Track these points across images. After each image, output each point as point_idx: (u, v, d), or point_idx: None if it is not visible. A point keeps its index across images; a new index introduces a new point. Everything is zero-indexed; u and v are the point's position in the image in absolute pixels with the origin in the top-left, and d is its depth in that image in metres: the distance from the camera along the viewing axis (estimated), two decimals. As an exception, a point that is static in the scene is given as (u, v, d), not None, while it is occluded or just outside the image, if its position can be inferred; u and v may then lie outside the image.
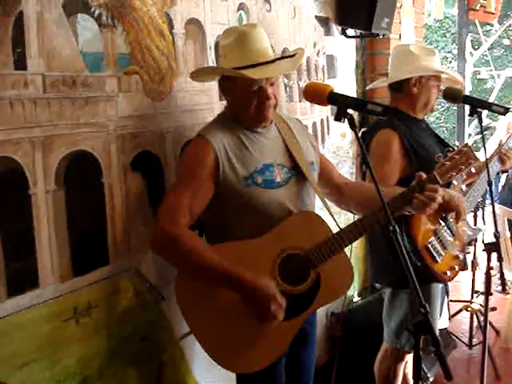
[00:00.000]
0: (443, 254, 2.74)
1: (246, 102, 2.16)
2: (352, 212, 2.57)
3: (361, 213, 2.53)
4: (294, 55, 2.25)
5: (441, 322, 3.15)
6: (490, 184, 2.66)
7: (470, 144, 2.41)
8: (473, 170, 3.07)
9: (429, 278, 2.74)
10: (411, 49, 2.98)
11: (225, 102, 2.32)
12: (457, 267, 2.80)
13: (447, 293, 3.06)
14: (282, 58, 2.25)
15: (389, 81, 3.00)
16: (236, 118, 2.23)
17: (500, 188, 6.16)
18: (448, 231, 2.80)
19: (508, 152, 3.19)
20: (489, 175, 2.66)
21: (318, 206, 2.39)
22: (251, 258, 2.10)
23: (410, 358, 3.05)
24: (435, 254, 2.70)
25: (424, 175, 2.27)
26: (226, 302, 2.08)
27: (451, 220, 2.74)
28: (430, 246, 2.69)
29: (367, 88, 3.84)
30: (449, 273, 2.76)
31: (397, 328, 2.90)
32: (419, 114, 2.97)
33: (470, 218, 4.71)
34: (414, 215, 2.56)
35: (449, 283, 3.02)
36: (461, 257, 2.83)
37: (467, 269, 3.09)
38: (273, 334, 2.12)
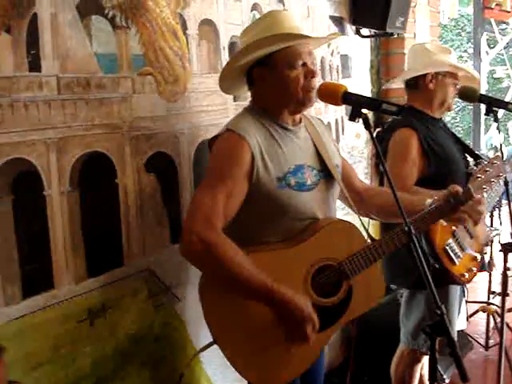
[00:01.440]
0: (461, 255, 2.72)
1: (291, 82, 2.04)
2: (371, 218, 2.47)
3: (382, 219, 2.51)
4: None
5: (459, 324, 3.12)
6: (506, 184, 2.64)
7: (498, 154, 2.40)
8: None
9: (447, 280, 2.72)
10: (427, 46, 2.98)
11: (239, 103, 2.29)
12: (475, 269, 2.78)
13: (464, 294, 3.03)
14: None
15: (405, 77, 2.98)
16: (268, 111, 2.12)
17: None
18: (466, 233, 2.78)
19: None
20: (506, 175, 2.63)
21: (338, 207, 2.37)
22: (286, 269, 2.02)
23: (426, 359, 3.04)
24: (453, 256, 2.68)
25: (459, 189, 2.20)
26: (255, 312, 2.00)
27: (470, 222, 2.72)
28: (448, 247, 2.67)
29: (383, 87, 3.83)
30: (467, 275, 2.74)
31: (414, 329, 2.88)
32: (436, 113, 2.94)
33: (486, 218, 4.69)
34: None
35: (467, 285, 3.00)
36: (478, 258, 2.81)
37: (485, 270, 3.07)
38: (301, 348, 2.06)
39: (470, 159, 2.97)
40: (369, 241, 2.19)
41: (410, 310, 2.90)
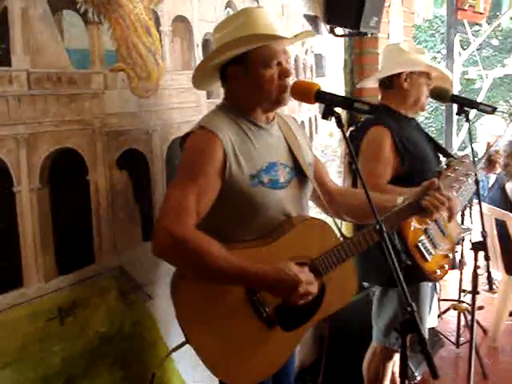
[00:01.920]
0: (433, 252, 2.74)
1: (265, 81, 2.04)
2: (342, 219, 2.47)
3: (353, 220, 2.51)
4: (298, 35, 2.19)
5: (430, 321, 3.15)
6: (477, 183, 2.67)
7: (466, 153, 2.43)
8: None
9: (418, 277, 2.75)
10: (402, 46, 3.01)
11: (213, 100, 2.28)
12: (447, 266, 2.81)
13: (436, 291, 3.06)
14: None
15: (379, 75, 3.00)
16: (241, 109, 2.11)
17: (489, 187, 6.17)
18: (438, 230, 2.80)
19: (495, 156, 3.17)
20: (476, 174, 2.66)
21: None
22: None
23: (398, 357, 3.06)
24: (425, 253, 2.70)
25: (436, 182, 2.22)
26: (227, 311, 1.99)
27: (441, 219, 2.74)
28: (420, 244, 2.69)
29: (358, 86, 3.85)
30: (439, 272, 2.77)
31: (386, 327, 2.90)
32: (409, 112, 2.97)
33: (457, 217, 4.73)
34: None
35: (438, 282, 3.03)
36: (451, 256, 2.83)
37: (456, 268, 3.11)
38: (274, 345, 2.07)
39: (442, 159, 3.00)
40: (341, 239, 2.20)
41: (382, 308, 2.92)
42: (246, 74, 2.07)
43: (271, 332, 2.06)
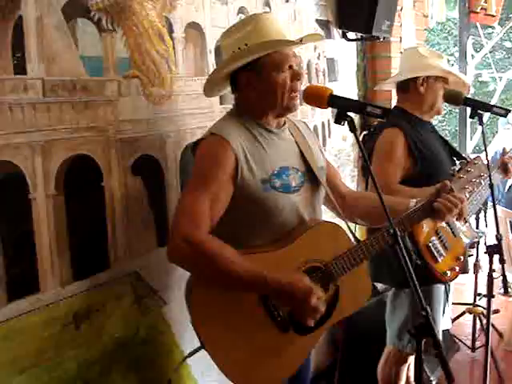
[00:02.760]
0: (444, 254, 2.73)
1: (278, 85, 2.05)
2: (356, 222, 2.47)
3: (365, 223, 2.51)
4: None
5: (443, 323, 3.14)
6: (491, 186, 2.66)
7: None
8: None
9: (429, 279, 2.74)
10: (420, 51, 3.03)
11: (226, 106, 2.29)
12: (457, 268, 2.79)
13: (447, 293, 3.05)
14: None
15: (397, 79, 3.02)
16: (252, 115, 2.12)
17: (506, 189, 6.13)
18: (450, 232, 2.79)
19: (508, 159, 3.14)
20: (490, 178, 2.65)
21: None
22: (273, 270, 1.97)
23: (413, 360, 3.05)
24: (436, 254, 2.69)
25: (449, 184, 2.23)
26: (243, 316, 2.00)
27: (453, 221, 2.73)
28: (431, 245, 2.68)
29: (375, 88, 3.85)
30: (449, 273, 2.75)
31: (399, 329, 2.90)
32: (425, 116, 2.98)
33: (472, 220, 4.71)
34: None
35: (451, 284, 3.01)
36: (462, 258, 2.82)
37: (468, 272, 3.08)
38: (289, 349, 2.07)
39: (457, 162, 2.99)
40: (354, 242, 2.20)
41: (395, 311, 2.92)
42: (259, 79, 2.08)
43: (286, 336, 2.06)
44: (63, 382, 2.03)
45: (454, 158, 3.02)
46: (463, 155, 3.05)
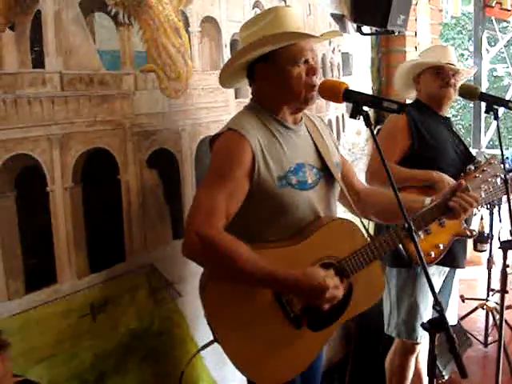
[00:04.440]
0: (422, 237, 2.67)
1: (293, 79, 2.04)
2: (370, 219, 2.47)
3: (379, 220, 2.51)
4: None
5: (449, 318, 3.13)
6: (506, 182, 2.65)
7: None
8: None
9: (402, 259, 2.71)
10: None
11: (241, 100, 2.30)
12: (433, 254, 2.75)
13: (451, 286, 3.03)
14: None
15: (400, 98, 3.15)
16: (269, 110, 2.11)
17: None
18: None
19: None
20: (505, 173, 2.64)
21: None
22: (288, 266, 1.98)
23: (421, 350, 3.06)
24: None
25: (464, 183, 2.24)
26: (256, 310, 2.01)
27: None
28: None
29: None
30: (433, 253, 2.73)
31: (404, 320, 2.91)
32: (439, 110, 3.05)
33: (486, 215, 4.70)
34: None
35: (464, 282, 3.00)
36: (442, 247, 2.79)
37: (464, 267, 3.05)
38: (302, 345, 2.08)
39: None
40: (368, 239, 2.20)
41: (400, 303, 2.92)
42: (274, 71, 2.06)
43: (299, 332, 2.07)
44: (79, 372, 2.06)
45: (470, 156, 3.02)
46: (473, 154, 3.06)
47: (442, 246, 2.80)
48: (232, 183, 1.96)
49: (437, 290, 2.84)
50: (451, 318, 3.08)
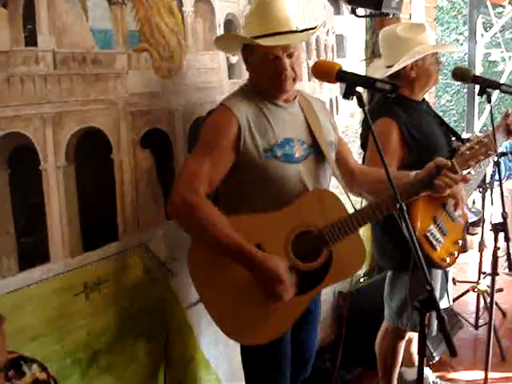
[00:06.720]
0: (443, 241, 2.71)
1: (263, 72, 2.16)
2: (362, 197, 2.56)
3: (372, 197, 2.53)
4: (315, 27, 2.21)
5: (442, 302, 3.14)
6: (497, 164, 2.66)
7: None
8: None
9: (428, 264, 2.73)
10: (399, 33, 2.85)
11: (235, 81, 2.33)
12: (456, 253, 2.78)
13: (447, 278, 3.04)
14: (306, 30, 2.21)
15: (384, 75, 2.83)
16: (258, 90, 2.22)
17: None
18: (448, 217, 2.78)
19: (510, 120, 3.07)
20: (497, 155, 2.65)
21: (332, 186, 2.40)
22: (266, 233, 2.12)
23: (413, 335, 3.08)
24: (435, 243, 2.67)
25: (444, 161, 2.25)
26: (237, 273, 2.08)
27: (450, 206, 2.73)
28: (429, 234, 2.65)
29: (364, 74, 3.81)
30: (448, 259, 2.73)
31: (397, 309, 2.91)
32: (419, 96, 2.91)
33: (478, 198, 4.72)
34: (412, 203, 2.54)
35: (456, 265, 3.01)
36: (460, 242, 2.82)
37: (467, 251, 3.08)
38: (281, 308, 2.13)
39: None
40: (350, 211, 2.25)
41: (394, 290, 2.92)
42: (251, 61, 2.21)
43: None
44: (73, 350, 2.07)
45: (451, 137, 2.97)
46: (459, 134, 3.01)
47: (460, 242, 2.82)
48: (216, 152, 2.10)
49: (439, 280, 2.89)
50: (445, 301, 3.11)
